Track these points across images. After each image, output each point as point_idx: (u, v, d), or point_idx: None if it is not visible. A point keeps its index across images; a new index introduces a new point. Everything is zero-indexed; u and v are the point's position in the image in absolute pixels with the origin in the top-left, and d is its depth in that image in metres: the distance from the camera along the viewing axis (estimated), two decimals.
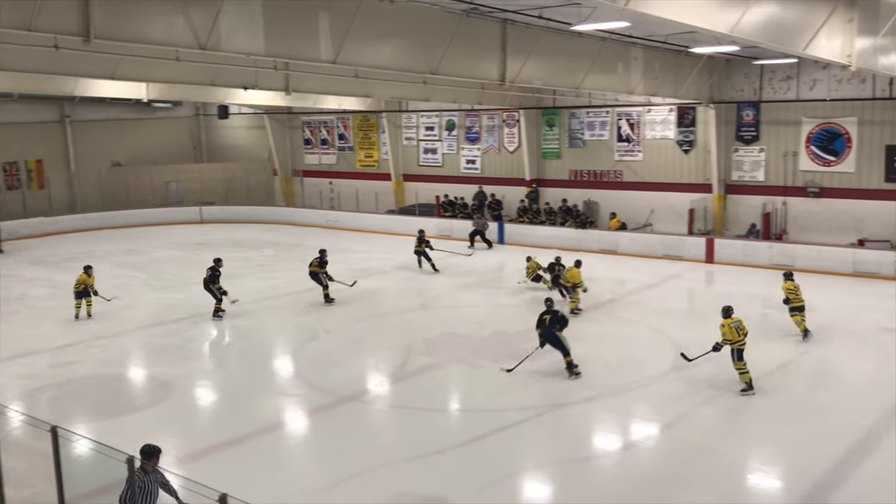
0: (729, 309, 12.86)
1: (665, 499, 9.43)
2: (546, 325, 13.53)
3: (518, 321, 17.20)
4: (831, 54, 13.66)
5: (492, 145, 31.11)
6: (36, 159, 33.94)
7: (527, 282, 20.01)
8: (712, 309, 18.65)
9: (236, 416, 12.27)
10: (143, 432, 11.50)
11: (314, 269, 19.35)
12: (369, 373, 14.51)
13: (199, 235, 30.30)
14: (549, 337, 13.46)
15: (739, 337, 12.51)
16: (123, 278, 22.70)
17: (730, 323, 12.58)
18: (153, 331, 17.17)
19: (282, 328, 17.50)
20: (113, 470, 6.23)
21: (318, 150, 37.02)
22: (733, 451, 10.72)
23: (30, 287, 21.78)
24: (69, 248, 28.01)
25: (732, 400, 12.44)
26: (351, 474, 10.05)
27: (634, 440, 11.34)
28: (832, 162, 23.76)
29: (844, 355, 14.62)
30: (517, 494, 9.76)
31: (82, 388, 13.66)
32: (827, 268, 21.31)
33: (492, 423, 11.56)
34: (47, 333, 17.02)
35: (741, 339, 12.53)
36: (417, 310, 18.85)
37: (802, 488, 9.53)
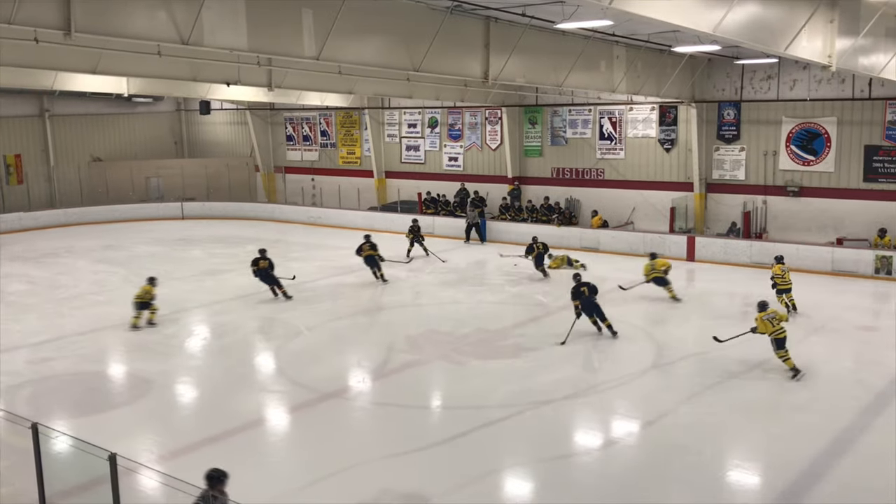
0: (764, 304, 13.53)
1: (646, 496, 9.50)
2: (585, 296, 15.16)
3: (500, 318, 17.27)
4: (812, 55, 13.77)
5: (474, 143, 31.13)
6: (15, 154, 33.59)
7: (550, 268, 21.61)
8: (693, 306, 18.86)
9: (217, 412, 12.22)
10: (123, 429, 11.48)
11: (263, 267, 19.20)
12: (351, 370, 14.49)
13: (181, 231, 30.13)
14: (589, 306, 15.18)
15: (776, 328, 13.08)
16: (103, 274, 22.54)
17: (762, 316, 13.17)
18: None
19: (263, 325, 17.44)
20: (94, 467, 6.18)
21: (300, 147, 36.89)
22: (713, 448, 10.81)
23: (8, 283, 21.56)
24: (48, 243, 27.77)
25: (712, 397, 12.54)
26: (332, 471, 10.05)
27: (615, 437, 11.41)
28: (811, 161, 23.98)
29: (823, 353, 14.76)
30: (498, 492, 9.79)
31: (62, 385, 13.56)
32: (806, 266, 21.51)
33: (473, 421, 11.59)
34: (26, 329, 16.87)
35: (777, 328, 13.10)
36: (399, 307, 18.83)
37: (781, 485, 9.62)
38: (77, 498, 7.80)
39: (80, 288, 20.83)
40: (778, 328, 13.11)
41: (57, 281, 21.72)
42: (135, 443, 10.91)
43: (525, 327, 16.61)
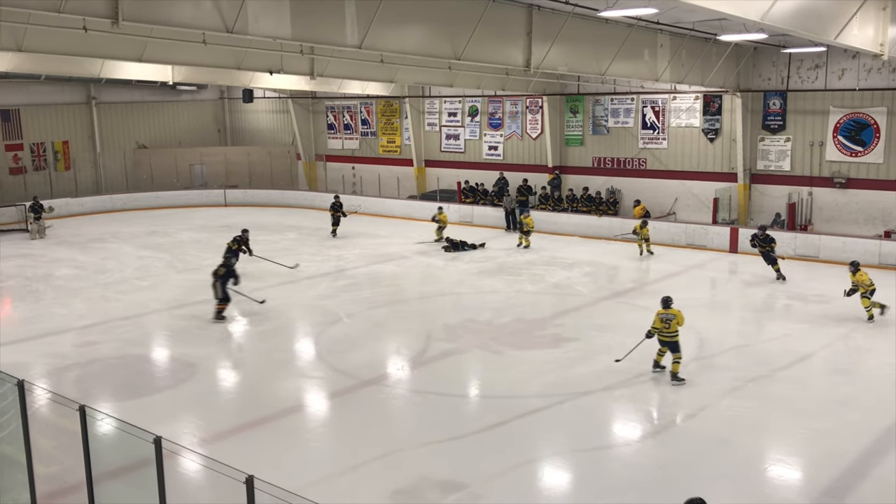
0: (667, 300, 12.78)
1: (684, 489, 9.40)
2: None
3: (539, 308, 17.22)
4: (863, 43, 13.48)
5: (514, 131, 30.99)
6: (63, 140, 34.28)
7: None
8: (735, 299, 18.63)
9: (259, 397, 12.38)
10: (166, 413, 11.67)
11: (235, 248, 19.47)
12: (390, 357, 14.57)
13: (223, 218, 30.48)
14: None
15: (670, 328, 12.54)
16: (147, 260, 22.91)
17: (660, 314, 12.62)
18: (177, 312, 17.33)
19: (303, 311, 17.61)
20: (139, 449, 6.30)
21: (341, 135, 37.06)
22: (754, 442, 10.67)
23: (55, 267, 22.03)
24: (94, 228, 28.30)
25: (754, 391, 12.39)
26: (371, 458, 10.12)
27: (654, 430, 11.32)
28: (859, 152, 23.47)
29: (868, 348, 14.50)
30: (535, 481, 9.79)
31: (107, 368, 13.83)
32: (852, 259, 21.08)
33: (511, 410, 11.59)
34: (73, 313, 17.24)
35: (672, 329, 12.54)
36: (438, 295, 18.86)
37: (825, 481, 9.48)
38: (122, 478, 7.96)
39: (126, 273, 21.20)
40: (672, 329, 12.50)
41: (103, 266, 22.13)
42: (178, 426, 11.10)
43: (564, 317, 16.54)
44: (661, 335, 12.62)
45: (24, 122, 32.87)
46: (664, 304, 12.69)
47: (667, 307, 12.64)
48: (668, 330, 12.51)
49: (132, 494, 7.82)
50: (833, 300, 17.69)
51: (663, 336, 12.60)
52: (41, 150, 33.61)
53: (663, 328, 12.55)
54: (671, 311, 12.57)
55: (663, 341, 12.68)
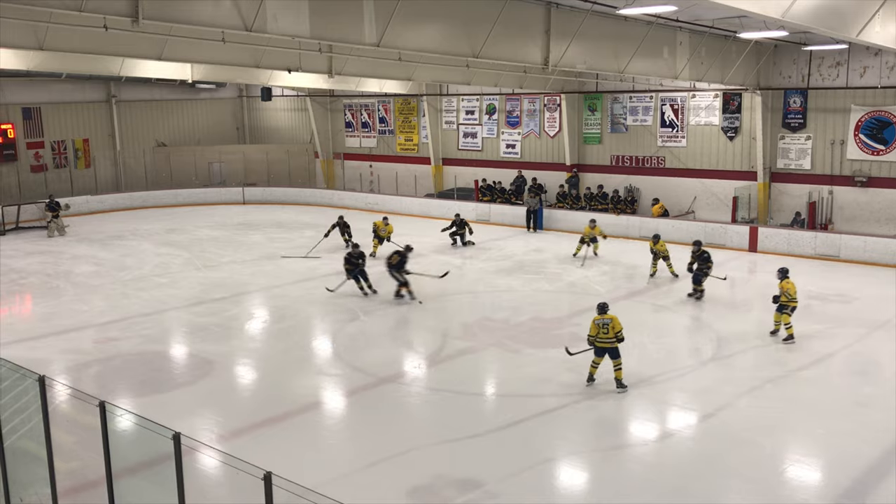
0: (604, 305, 12.32)
1: (702, 489, 9.37)
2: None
3: (556, 307, 17.19)
4: (886, 40, 13.35)
5: (532, 130, 30.92)
6: (83, 138, 34.55)
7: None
8: (754, 298, 18.51)
9: (277, 394, 12.43)
10: (185, 409, 11.75)
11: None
12: (407, 355, 14.59)
13: (242, 216, 30.64)
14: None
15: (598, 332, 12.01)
16: (166, 257, 23.06)
17: (595, 320, 12.14)
18: (195, 309, 17.43)
19: (321, 309, 17.65)
20: (158, 446, 6.34)
21: (358, 134, 37.12)
22: (773, 442, 10.60)
23: (75, 264, 22.22)
24: (114, 226, 28.51)
25: (772, 391, 12.31)
26: (388, 455, 10.14)
27: (672, 429, 11.27)
28: (881, 151, 23.23)
29: (888, 348, 14.36)
30: (552, 480, 9.77)
31: (126, 364, 13.94)
32: (873, 259, 20.92)
33: (528, 409, 11.58)
34: (92, 310, 17.38)
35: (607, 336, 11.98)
36: (455, 294, 18.86)
37: (844, 482, 9.40)
38: (142, 474, 8.01)
39: (145, 270, 21.35)
40: (610, 335, 11.95)
41: (122, 263, 22.29)
42: (196, 422, 11.17)
43: (581, 316, 16.47)
44: (599, 341, 12.06)
45: (45, 120, 33.14)
46: (600, 310, 12.20)
47: (602, 312, 12.16)
48: (605, 336, 11.99)
49: (151, 490, 7.87)
50: (854, 300, 17.55)
51: (601, 342, 12.05)
52: (62, 148, 33.90)
53: (601, 334, 12.02)
54: (607, 317, 12.08)
55: (602, 349, 12.09)
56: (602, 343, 12.05)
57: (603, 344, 12.05)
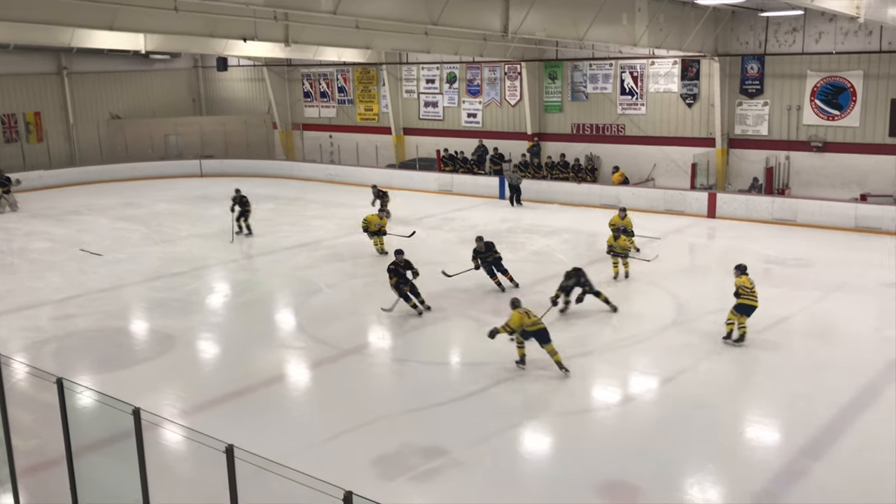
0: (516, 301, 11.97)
1: (664, 451, 9.52)
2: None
3: (519, 276, 17.20)
4: (840, 6, 13.48)
5: (493, 98, 30.81)
6: (34, 111, 33.72)
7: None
8: (713, 263, 18.74)
9: (239, 368, 12.34)
10: (146, 385, 11.62)
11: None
12: (371, 327, 14.55)
13: (200, 189, 30.20)
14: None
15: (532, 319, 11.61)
16: (124, 231, 22.68)
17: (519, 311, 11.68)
18: (154, 284, 17.20)
19: (283, 282, 17.53)
20: (118, 422, 6.26)
21: (317, 104, 36.70)
22: (732, 404, 10.80)
23: (30, 240, 21.77)
24: (69, 201, 27.95)
25: (732, 354, 12.51)
26: (354, 426, 10.14)
27: (634, 394, 11.41)
28: (836, 116, 23.56)
29: (845, 310, 14.65)
30: (517, 446, 9.85)
31: (85, 341, 13.73)
32: (829, 223, 21.28)
33: (492, 377, 11.64)
34: (49, 286, 17.06)
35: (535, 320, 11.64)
36: (419, 264, 18.75)
37: (801, 441, 9.61)
38: (103, 451, 7.92)
39: (102, 245, 20.98)
40: (535, 320, 11.58)
41: (78, 238, 21.88)
42: (158, 397, 11.06)
43: (545, 284, 16.54)
44: (529, 329, 11.64)
45: None
46: (513, 305, 11.85)
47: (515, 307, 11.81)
48: (531, 320, 11.64)
49: (112, 466, 7.79)
50: (811, 264, 17.86)
51: (530, 329, 11.65)
52: (12, 122, 33.06)
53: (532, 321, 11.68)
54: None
55: (530, 332, 11.67)
56: (532, 328, 11.62)
57: (534, 328, 11.62)
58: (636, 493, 8.50)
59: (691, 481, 8.86)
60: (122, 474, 7.88)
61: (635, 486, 8.63)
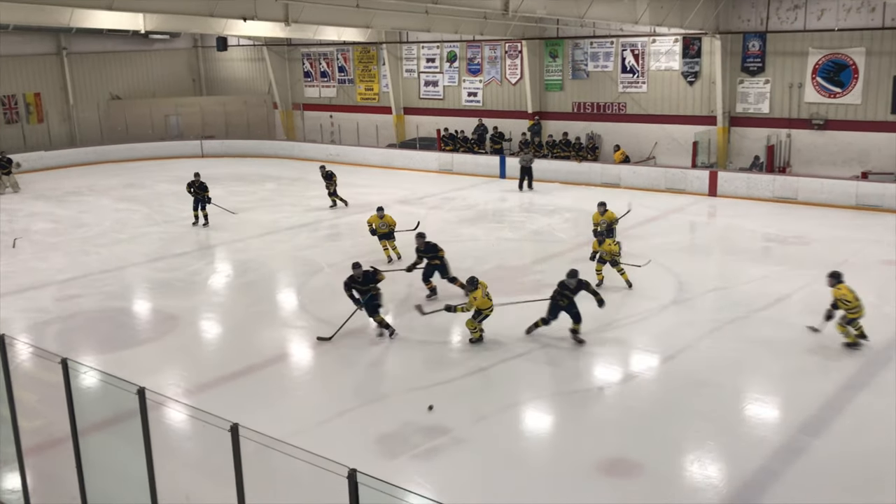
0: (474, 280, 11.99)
1: (665, 429, 9.60)
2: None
3: (520, 255, 17.29)
4: None
5: (493, 77, 30.71)
6: (34, 93, 33.64)
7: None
8: (714, 242, 18.77)
9: (242, 348, 12.41)
10: (150, 365, 11.69)
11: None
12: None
13: (201, 170, 30.04)
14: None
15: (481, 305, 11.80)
16: (125, 213, 22.72)
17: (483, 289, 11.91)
18: (157, 265, 17.25)
19: (285, 262, 17.57)
20: (123, 402, 6.31)
21: (317, 83, 36.58)
22: (733, 382, 10.85)
23: (33, 221, 21.81)
24: (70, 182, 27.97)
25: (733, 332, 12.56)
26: (355, 405, 10.22)
27: (635, 372, 11.47)
28: (838, 93, 23.48)
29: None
30: (518, 424, 9.93)
31: (88, 322, 13.80)
32: (830, 200, 21.29)
33: (494, 355, 11.70)
34: (52, 267, 17.12)
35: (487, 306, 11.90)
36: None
37: (801, 418, 9.68)
38: (108, 430, 8.00)
39: (104, 226, 21.03)
40: (491, 305, 11.90)
41: (80, 219, 21.92)
42: (162, 377, 11.13)
43: (545, 263, 16.62)
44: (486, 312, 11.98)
45: None
46: (474, 285, 11.92)
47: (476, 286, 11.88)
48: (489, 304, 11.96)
49: (118, 446, 7.87)
50: (811, 241, 17.88)
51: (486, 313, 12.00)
52: (12, 103, 32.99)
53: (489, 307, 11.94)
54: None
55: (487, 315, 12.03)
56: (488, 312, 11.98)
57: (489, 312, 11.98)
58: (637, 469, 8.57)
59: (691, 458, 8.94)
60: (128, 453, 7.97)
61: (636, 462, 8.71)
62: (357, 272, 12.51)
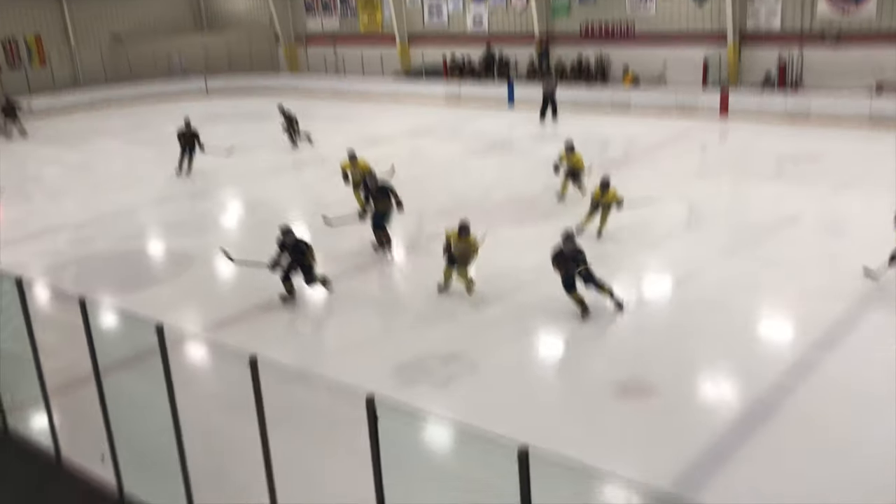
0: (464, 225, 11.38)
1: (678, 351, 9.67)
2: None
3: (530, 183, 17.20)
4: None
5: (499, 2, 30.09)
6: (35, 35, 33.28)
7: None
8: (726, 163, 18.61)
9: (258, 284, 12.45)
10: (167, 304, 11.81)
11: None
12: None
13: (206, 108, 29.98)
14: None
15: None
16: (134, 155, 22.69)
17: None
18: (168, 206, 17.30)
19: (294, 198, 17.57)
20: (143, 339, 6.39)
21: (320, 15, 36.00)
22: (746, 303, 10.87)
23: (42, 166, 21.82)
24: (77, 125, 27.90)
25: (745, 254, 12.54)
26: (371, 336, 10.33)
27: (647, 296, 11.50)
28: (852, 7, 22.91)
29: (858, 205, 14.59)
30: (532, 351, 10.03)
31: (104, 264, 13.91)
32: (843, 116, 20.99)
33: (506, 285, 11.75)
34: (64, 211, 17.19)
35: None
36: (428, 177, 18.77)
37: (814, 336, 9.72)
38: (130, 368, 8.14)
39: (113, 170, 21.03)
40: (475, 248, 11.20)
41: (90, 163, 21.93)
42: (180, 315, 11.24)
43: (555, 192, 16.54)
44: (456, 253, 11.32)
45: None
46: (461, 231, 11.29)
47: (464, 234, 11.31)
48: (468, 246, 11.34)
49: (140, 382, 8.02)
50: (824, 159, 17.71)
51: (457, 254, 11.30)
52: (13, 47, 32.68)
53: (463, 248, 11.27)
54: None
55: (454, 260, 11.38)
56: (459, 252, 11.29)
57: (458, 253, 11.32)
58: (651, 391, 8.67)
59: (705, 377, 9.04)
60: (150, 390, 8.13)
61: (650, 384, 8.79)
62: (288, 238, 10.68)
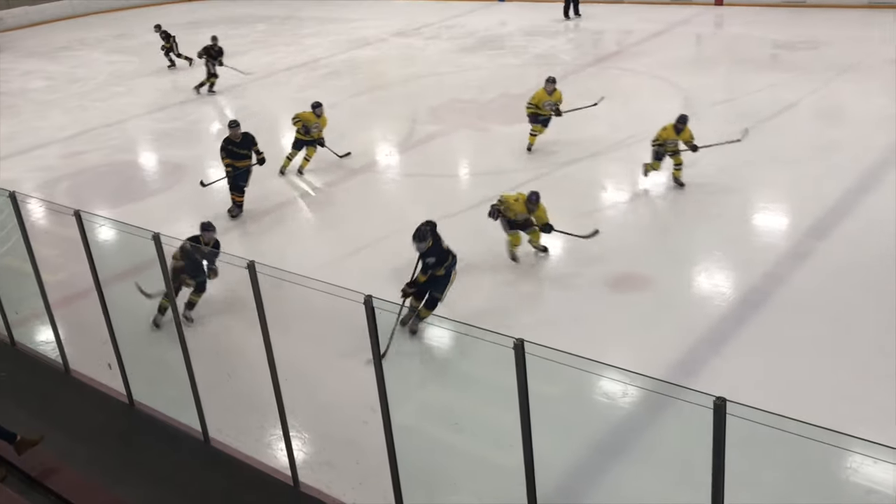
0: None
1: (673, 242, 9.76)
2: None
3: (523, 81, 16.94)
4: None
5: None
6: None
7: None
8: (720, 53, 18.32)
9: (253, 193, 12.43)
10: (163, 214, 11.84)
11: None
12: (376, 144, 14.54)
13: (190, 14, 29.28)
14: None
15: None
16: (120, 64, 22.29)
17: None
18: (157, 115, 17.11)
19: (285, 105, 17.31)
20: (141, 250, 6.44)
21: None
22: (740, 192, 10.90)
23: (27, 80, 21.46)
24: (59, 36, 27.29)
25: (739, 144, 12.47)
26: (369, 241, 10.37)
27: (642, 189, 11.50)
28: None
29: (853, 91, 14.46)
30: (528, 247, 10.09)
31: (97, 176, 13.87)
32: (841, 1, 20.53)
33: (501, 185, 11.68)
34: (53, 125, 17.01)
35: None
36: (419, 77, 18.48)
37: (808, 222, 9.78)
38: (130, 278, 8.24)
39: (99, 80, 20.69)
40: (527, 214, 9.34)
41: (75, 75, 21.55)
42: (175, 226, 11.20)
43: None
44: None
45: None
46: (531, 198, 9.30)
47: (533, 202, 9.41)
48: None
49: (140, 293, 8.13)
50: (821, 45, 17.44)
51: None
52: None
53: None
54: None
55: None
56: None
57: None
58: (647, 282, 8.78)
59: (699, 269, 9.14)
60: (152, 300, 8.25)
61: (646, 276, 8.90)
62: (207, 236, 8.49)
